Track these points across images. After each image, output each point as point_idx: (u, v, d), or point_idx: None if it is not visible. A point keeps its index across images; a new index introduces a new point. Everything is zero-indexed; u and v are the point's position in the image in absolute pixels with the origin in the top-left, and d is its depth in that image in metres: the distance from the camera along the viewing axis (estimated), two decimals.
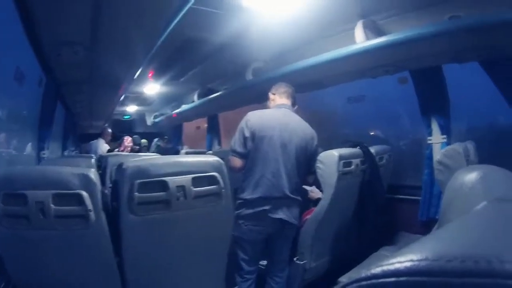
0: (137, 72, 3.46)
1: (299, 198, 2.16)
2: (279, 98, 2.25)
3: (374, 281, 0.27)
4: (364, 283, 0.27)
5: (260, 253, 2.18)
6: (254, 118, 2.09)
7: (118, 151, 5.58)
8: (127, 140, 5.72)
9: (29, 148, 3.35)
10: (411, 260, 0.26)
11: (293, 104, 2.27)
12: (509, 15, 1.67)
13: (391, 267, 0.27)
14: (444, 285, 0.24)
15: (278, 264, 2.22)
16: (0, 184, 1.26)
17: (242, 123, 2.09)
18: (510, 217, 0.39)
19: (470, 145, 2.04)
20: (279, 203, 2.05)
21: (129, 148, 5.66)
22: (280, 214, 2.05)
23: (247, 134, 2.05)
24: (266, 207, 2.03)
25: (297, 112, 2.27)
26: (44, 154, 3.49)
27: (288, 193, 2.06)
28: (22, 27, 2.24)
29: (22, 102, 3.03)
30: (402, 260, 0.27)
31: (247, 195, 2.05)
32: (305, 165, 2.18)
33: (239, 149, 2.07)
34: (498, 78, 2.16)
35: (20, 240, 1.28)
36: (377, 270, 0.27)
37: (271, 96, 2.30)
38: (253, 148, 2.05)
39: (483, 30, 1.76)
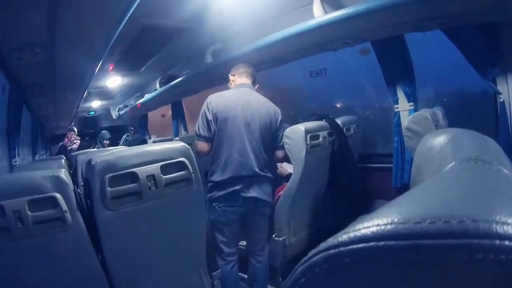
0: (98, 65, 3.36)
1: (269, 175, 2.18)
2: (239, 78, 2.25)
3: (342, 248, 0.26)
4: (332, 251, 0.27)
5: (239, 233, 2.20)
6: (215, 100, 2.09)
7: (64, 144, 5.66)
8: (70, 133, 5.79)
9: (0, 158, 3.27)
10: (378, 225, 0.26)
11: (254, 83, 2.27)
12: None
13: (358, 233, 0.26)
14: (413, 248, 0.24)
15: (258, 242, 2.25)
16: None
17: (204, 107, 2.09)
18: (479, 177, 0.37)
19: (439, 111, 2.07)
20: (250, 181, 2.07)
21: (73, 139, 5.70)
22: (252, 193, 2.08)
23: (210, 117, 2.05)
24: (237, 187, 2.05)
25: (259, 90, 2.28)
26: (15, 161, 3.40)
27: (257, 170, 2.08)
28: None
29: None
30: (369, 225, 0.26)
31: (217, 177, 2.07)
32: (270, 142, 2.20)
33: (204, 132, 2.07)
34: (463, 45, 2.15)
35: (1, 254, 1.21)
36: (344, 237, 0.27)
37: (231, 77, 2.30)
38: (218, 130, 2.05)
39: None
